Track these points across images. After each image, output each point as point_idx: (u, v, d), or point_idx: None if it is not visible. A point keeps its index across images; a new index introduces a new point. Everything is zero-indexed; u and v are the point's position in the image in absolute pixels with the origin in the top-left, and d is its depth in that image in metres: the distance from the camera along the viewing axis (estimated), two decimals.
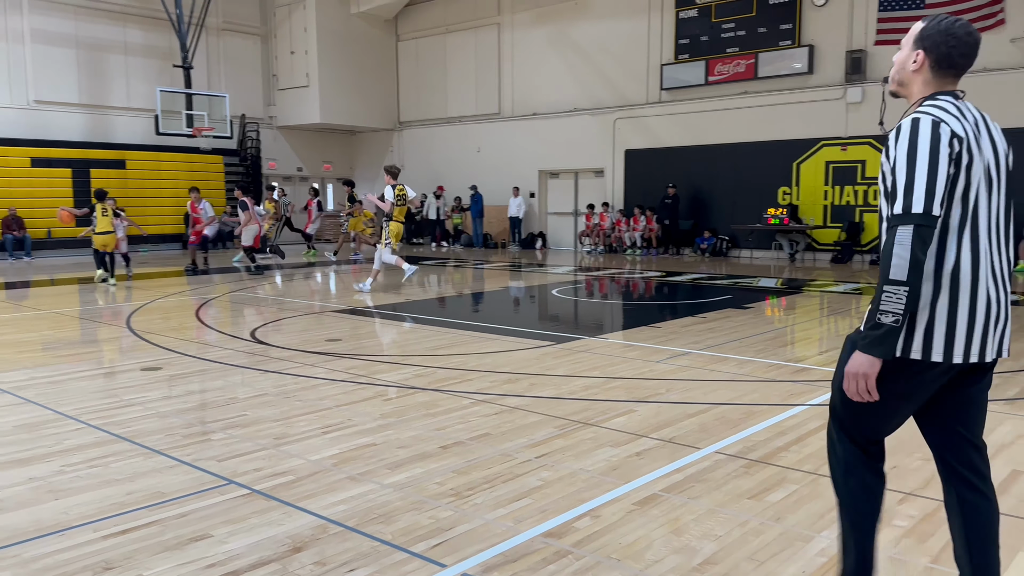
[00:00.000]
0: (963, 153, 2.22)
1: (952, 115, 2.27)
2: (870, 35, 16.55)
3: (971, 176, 2.24)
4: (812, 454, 4.22)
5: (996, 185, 2.32)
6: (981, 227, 2.27)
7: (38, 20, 19.95)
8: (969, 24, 2.39)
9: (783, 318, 9.54)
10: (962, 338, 2.24)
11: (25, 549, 3.10)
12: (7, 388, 5.83)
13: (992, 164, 2.32)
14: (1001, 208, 2.34)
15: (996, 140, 2.37)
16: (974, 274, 2.25)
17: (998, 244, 2.32)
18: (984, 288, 2.26)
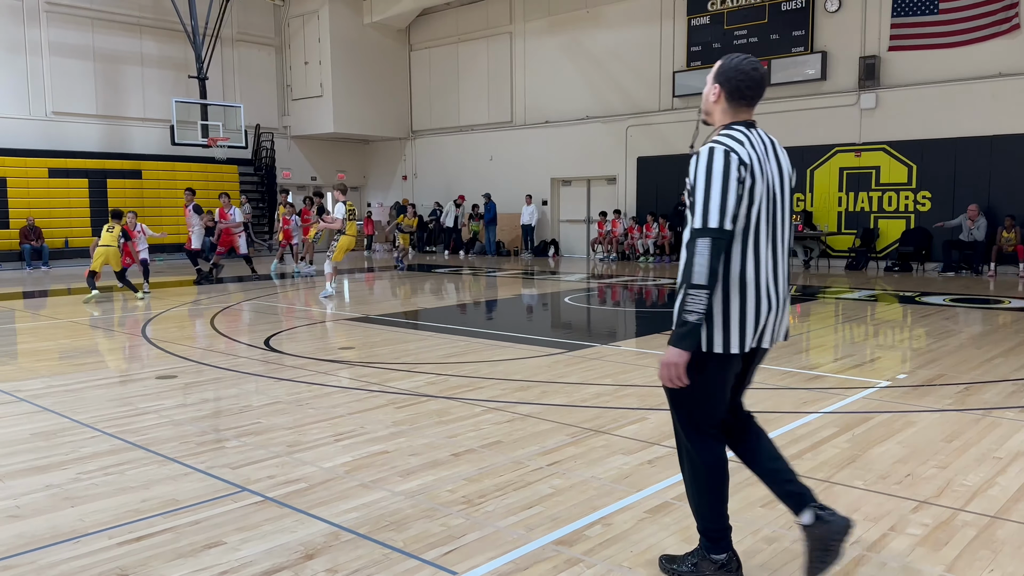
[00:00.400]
0: (747, 176, 2.61)
1: (741, 143, 2.66)
2: (883, 41, 16.49)
3: (754, 195, 2.64)
4: (825, 461, 4.19)
5: (779, 202, 2.74)
6: (762, 238, 2.68)
7: (56, 33, 20.22)
8: (756, 62, 2.78)
9: (797, 325, 9.50)
10: (751, 330, 2.68)
11: (42, 556, 3.14)
12: (25, 396, 5.89)
13: (776, 184, 2.74)
14: (784, 221, 2.76)
15: (782, 163, 2.78)
16: (756, 278, 2.67)
17: (781, 252, 2.77)
18: (765, 289, 2.69)
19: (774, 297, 2.72)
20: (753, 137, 2.72)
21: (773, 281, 2.72)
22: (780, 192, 2.75)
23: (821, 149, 17.52)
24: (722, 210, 2.56)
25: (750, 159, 2.64)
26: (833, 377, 6.33)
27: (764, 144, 2.74)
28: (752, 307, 2.67)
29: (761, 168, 2.67)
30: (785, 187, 2.77)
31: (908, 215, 16.54)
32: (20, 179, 19.30)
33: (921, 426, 4.88)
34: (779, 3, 17.88)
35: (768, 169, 2.70)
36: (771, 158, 2.74)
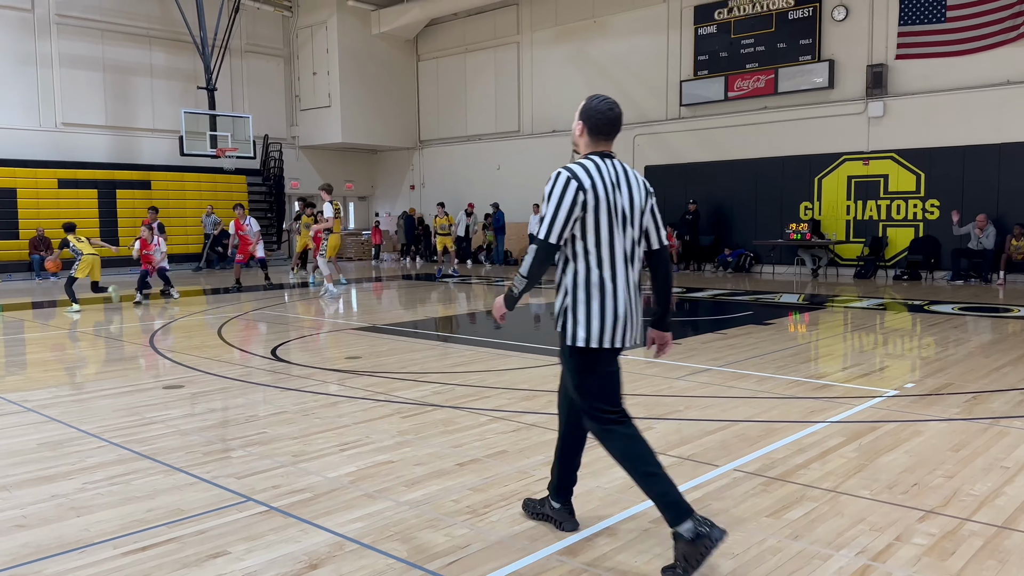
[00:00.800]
0: (588, 200, 3.04)
1: (587, 170, 3.09)
2: (891, 49, 16.48)
3: (599, 213, 3.06)
4: (832, 471, 4.17)
5: (629, 221, 3.15)
6: (617, 251, 3.11)
7: (66, 45, 20.41)
8: (612, 102, 3.21)
9: (805, 334, 9.47)
10: (609, 330, 3.10)
11: (47, 565, 3.15)
12: (32, 407, 5.92)
13: (626, 207, 3.14)
14: (635, 239, 3.18)
15: (633, 189, 3.18)
16: (613, 285, 3.10)
17: (631, 265, 3.16)
18: (622, 295, 3.12)
19: (627, 303, 3.14)
20: (604, 166, 3.15)
21: (626, 289, 3.14)
22: (630, 212, 3.15)
23: (829, 157, 17.50)
24: (551, 226, 3.06)
25: (592, 184, 3.07)
26: (840, 386, 6.31)
27: (615, 172, 3.17)
28: (611, 311, 3.11)
29: (606, 191, 3.09)
30: (635, 208, 3.18)
31: (917, 223, 16.48)
32: (30, 190, 19.45)
33: (928, 435, 4.85)
34: (786, 12, 17.90)
35: (618, 196, 3.12)
36: (621, 184, 3.15)
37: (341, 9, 23.66)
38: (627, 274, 3.16)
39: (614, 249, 3.11)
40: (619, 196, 3.13)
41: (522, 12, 22.94)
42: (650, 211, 3.26)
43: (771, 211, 18.36)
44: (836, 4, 17.28)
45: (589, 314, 3.10)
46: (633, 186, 3.19)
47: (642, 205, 3.21)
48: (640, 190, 3.22)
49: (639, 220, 3.20)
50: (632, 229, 3.16)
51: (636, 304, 3.22)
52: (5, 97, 19.53)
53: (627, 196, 3.15)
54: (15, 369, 7.60)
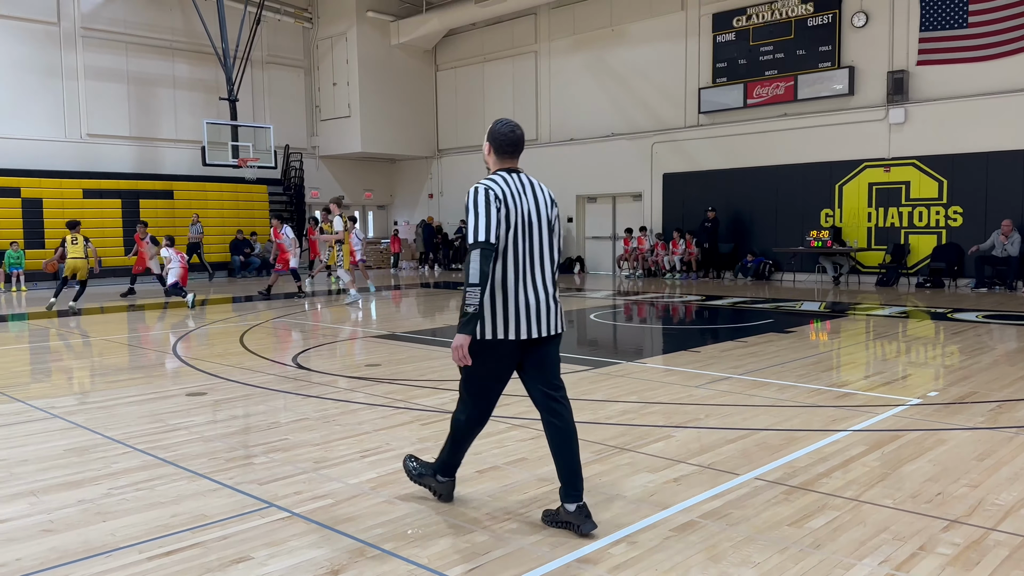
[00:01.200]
0: (501, 207, 3.43)
1: (497, 184, 3.50)
2: (912, 55, 16.37)
3: (510, 222, 3.45)
4: (854, 480, 4.14)
5: (536, 228, 3.54)
6: (521, 255, 3.50)
7: (91, 57, 20.72)
8: (512, 124, 3.63)
9: (827, 342, 9.40)
10: (513, 323, 3.47)
11: (74, 569, 3.19)
12: (58, 413, 6.01)
13: (533, 214, 3.53)
14: (543, 243, 3.58)
15: (539, 199, 3.58)
16: (516, 283, 3.48)
17: (539, 265, 3.55)
18: (523, 292, 3.49)
19: (534, 298, 3.54)
20: (511, 180, 3.56)
21: (533, 287, 3.54)
22: (537, 221, 3.56)
23: (849, 164, 17.39)
24: (487, 228, 3.36)
25: (503, 194, 3.47)
26: (863, 395, 6.26)
27: (522, 185, 3.57)
28: (512, 305, 3.49)
29: (515, 202, 3.49)
30: (542, 217, 3.58)
31: (939, 231, 16.32)
32: (55, 200, 19.74)
33: (952, 444, 4.80)
34: (805, 19, 17.83)
35: (523, 204, 3.51)
36: (528, 195, 3.55)
37: (361, 20, 23.86)
38: (535, 275, 3.56)
39: (520, 253, 3.51)
40: (526, 205, 3.55)
41: (540, 21, 23.02)
42: (556, 219, 3.71)
43: (791, 218, 18.25)
44: (856, 10, 17.19)
45: (493, 310, 3.50)
46: (539, 196, 3.61)
47: (548, 214, 3.63)
48: (546, 200, 3.64)
49: (547, 227, 3.62)
50: (540, 234, 3.58)
51: (546, 300, 3.59)
52: (32, 109, 19.86)
53: (533, 205, 3.57)
54: (42, 376, 7.71)
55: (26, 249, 19.05)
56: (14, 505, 3.96)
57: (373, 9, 24.01)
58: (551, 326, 3.60)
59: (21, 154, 19.66)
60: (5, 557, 3.32)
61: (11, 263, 18.53)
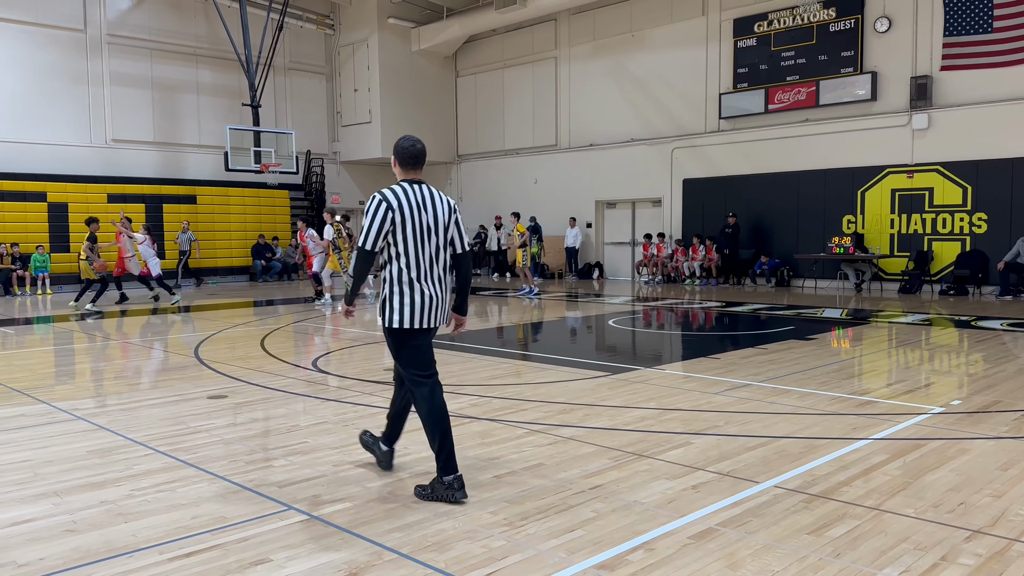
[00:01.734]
0: (394, 215, 3.97)
1: (395, 194, 4.02)
2: (935, 60, 16.22)
3: (406, 227, 3.99)
4: (875, 489, 4.10)
5: (433, 233, 4.08)
6: (423, 256, 4.05)
7: (117, 63, 21.01)
8: (413, 139, 4.20)
9: (848, 350, 9.32)
10: (417, 315, 4.04)
11: (96, 569, 3.23)
12: (81, 415, 6.08)
13: (430, 221, 4.07)
14: (440, 247, 4.11)
15: (438, 208, 4.11)
16: (416, 280, 4.04)
17: (435, 265, 4.10)
18: (427, 290, 4.06)
19: (429, 294, 4.07)
20: (411, 190, 4.07)
21: (429, 284, 4.08)
22: (434, 227, 4.09)
23: (872, 170, 17.24)
24: (367, 237, 3.99)
25: (399, 205, 3.99)
26: (884, 403, 6.20)
27: (422, 194, 4.09)
28: (417, 299, 4.05)
29: (411, 210, 4.01)
30: (439, 224, 4.11)
31: (963, 237, 16.14)
32: (80, 204, 20.00)
33: (975, 454, 4.74)
34: (827, 24, 17.73)
35: (421, 212, 4.05)
36: (427, 204, 4.08)
37: (382, 27, 24.02)
38: (432, 273, 4.10)
39: (420, 254, 4.05)
40: (424, 214, 4.06)
41: (560, 27, 23.06)
42: (454, 224, 4.20)
43: (813, 224, 18.13)
44: (879, 16, 17.07)
45: (401, 304, 4.04)
46: (438, 205, 4.13)
47: (445, 221, 4.15)
48: (444, 209, 4.15)
49: (443, 232, 4.14)
50: (436, 238, 4.11)
51: (441, 295, 4.13)
52: (58, 115, 20.16)
53: (431, 213, 4.09)
54: (66, 378, 7.82)
55: (51, 253, 19.33)
56: (38, 505, 4.02)
57: (394, 16, 24.16)
58: (440, 319, 4.18)
59: (47, 159, 19.97)
60: (29, 556, 3.36)
61: (37, 267, 18.80)
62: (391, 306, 4.06)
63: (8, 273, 18.45)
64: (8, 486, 4.33)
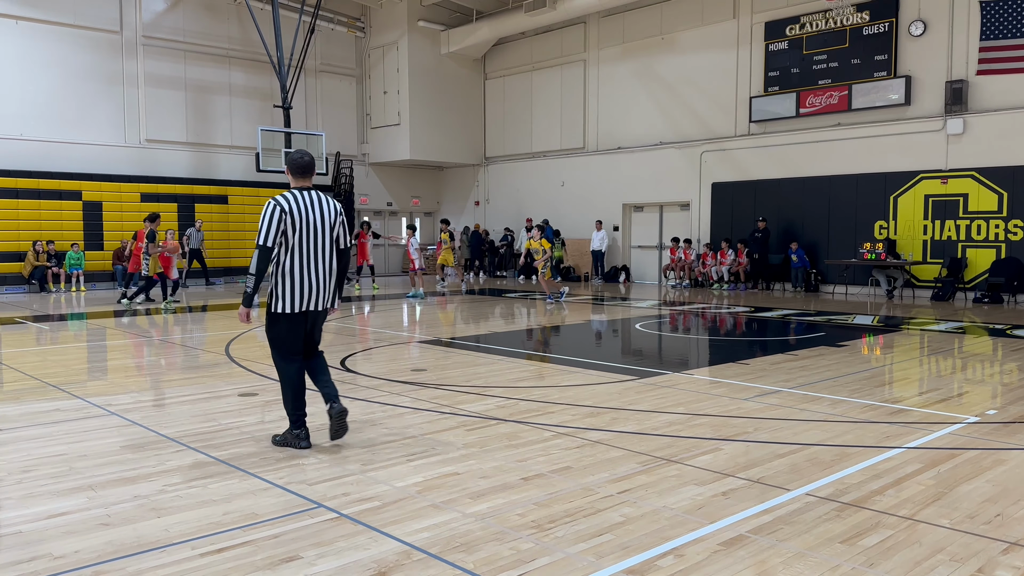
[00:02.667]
0: (286, 217, 4.78)
1: (287, 199, 4.83)
2: (971, 64, 15.96)
3: (297, 228, 4.81)
4: (909, 499, 4.04)
5: (320, 232, 4.91)
6: (306, 251, 4.86)
7: (151, 65, 21.32)
8: (302, 152, 4.98)
9: (880, 357, 9.19)
10: (299, 300, 4.86)
11: (129, 563, 3.27)
12: (116, 411, 6.17)
13: (318, 222, 4.89)
14: (325, 243, 4.95)
15: (324, 211, 4.94)
16: (300, 272, 4.85)
17: (321, 258, 4.93)
18: (305, 278, 4.86)
19: (315, 283, 4.92)
20: (300, 196, 4.88)
21: (314, 274, 4.91)
22: (320, 227, 4.92)
23: (905, 176, 17.00)
24: (265, 235, 4.77)
25: (290, 208, 4.81)
26: (918, 411, 6.10)
27: (311, 200, 4.90)
28: (298, 287, 4.87)
29: (300, 213, 4.83)
30: (325, 224, 4.94)
31: (998, 244, 15.85)
32: (114, 203, 20.33)
33: (1012, 464, 4.65)
34: (860, 27, 17.52)
35: (309, 215, 4.86)
36: (315, 208, 4.90)
37: (412, 29, 24.15)
38: (317, 265, 4.92)
39: (305, 250, 4.87)
40: (312, 215, 4.88)
41: (589, 30, 23.02)
42: (339, 225, 5.04)
43: (844, 230, 17.91)
44: (913, 19, 16.84)
45: (284, 291, 4.87)
46: (325, 209, 4.96)
47: (331, 222, 4.98)
48: (330, 212, 4.98)
49: (329, 232, 4.97)
50: (323, 236, 4.93)
51: (325, 283, 4.98)
52: (94, 115, 20.50)
53: (318, 216, 4.91)
54: (100, 374, 7.94)
55: (86, 251, 19.66)
56: (73, 499, 4.08)
57: (424, 18, 24.27)
58: (325, 302, 5.04)
59: (83, 159, 20.32)
60: (64, 549, 3.42)
61: (71, 264, 19.13)
62: (277, 293, 4.88)
63: (44, 270, 18.80)
64: (44, 479, 4.41)
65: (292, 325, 4.94)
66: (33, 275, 18.70)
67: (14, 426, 5.67)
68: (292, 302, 4.86)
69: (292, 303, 4.86)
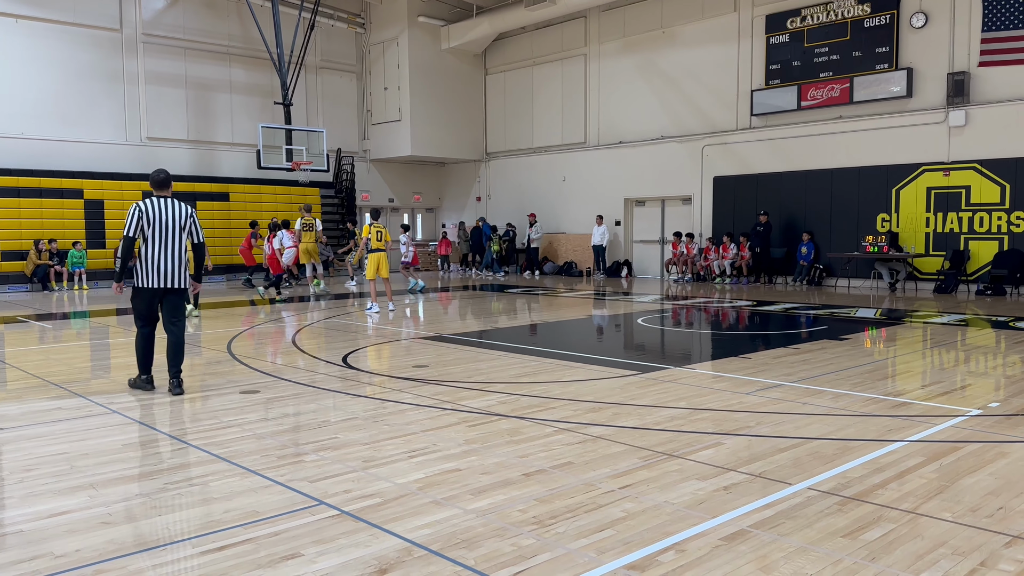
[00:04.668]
0: (144, 216, 6.51)
1: (146, 204, 6.55)
2: (973, 56, 15.90)
3: (152, 224, 6.53)
4: (911, 492, 4.03)
5: (170, 228, 6.59)
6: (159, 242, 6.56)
7: (152, 63, 21.32)
8: (160, 170, 6.78)
9: (882, 350, 9.17)
10: (150, 280, 6.57)
11: (130, 562, 3.27)
12: (117, 409, 6.18)
13: (169, 221, 6.58)
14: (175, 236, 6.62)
15: (174, 213, 6.61)
16: (154, 258, 6.56)
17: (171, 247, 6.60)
18: (158, 263, 6.56)
19: (163, 267, 6.58)
20: (156, 202, 6.59)
21: (165, 259, 6.59)
22: (172, 225, 6.60)
23: (907, 168, 16.96)
24: (128, 228, 6.51)
25: (146, 210, 6.51)
26: (920, 404, 6.09)
27: (164, 205, 6.60)
28: (152, 269, 6.56)
29: (153, 215, 6.53)
30: (176, 223, 6.63)
31: (1001, 236, 15.81)
32: (116, 201, 20.33)
33: (1015, 457, 4.64)
34: (862, 19, 17.47)
35: (161, 216, 6.56)
36: (166, 211, 6.59)
37: (412, 25, 24.11)
38: (166, 253, 6.60)
39: (158, 241, 6.57)
40: (164, 217, 6.58)
41: (590, 24, 22.97)
42: (190, 224, 6.75)
43: (846, 223, 17.88)
44: (915, 11, 16.77)
45: (142, 271, 6.60)
46: (176, 212, 6.66)
47: (182, 222, 6.67)
48: (179, 214, 6.68)
49: (180, 229, 6.67)
50: (173, 233, 6.63)
51: (173, 268, 6.65)
52: (95, 114, 20.51)
53: (169, 217, 6.60)
54: (102, 372, 7.95)
55: (88, 249, 19.67)
56: (75, 497, 4.09)
57: (424, 14, 24.23)
58: (174, 282, 6.66)
59: (85, 157, 20.33)
60: (65, 548, 3.42)
61: (74, 262, 19.15)
62: (137, 272, 6.63)
63: (46, 269, 18.81)
64: (45, 478, 4.41)
65: (145, 296, 6.62)
66: (35, 274, 18.72)
67: (16, 425, 5.67)
68: (146, 279, 6.56)
69: (146, 280, 6.56)
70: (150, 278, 6.53)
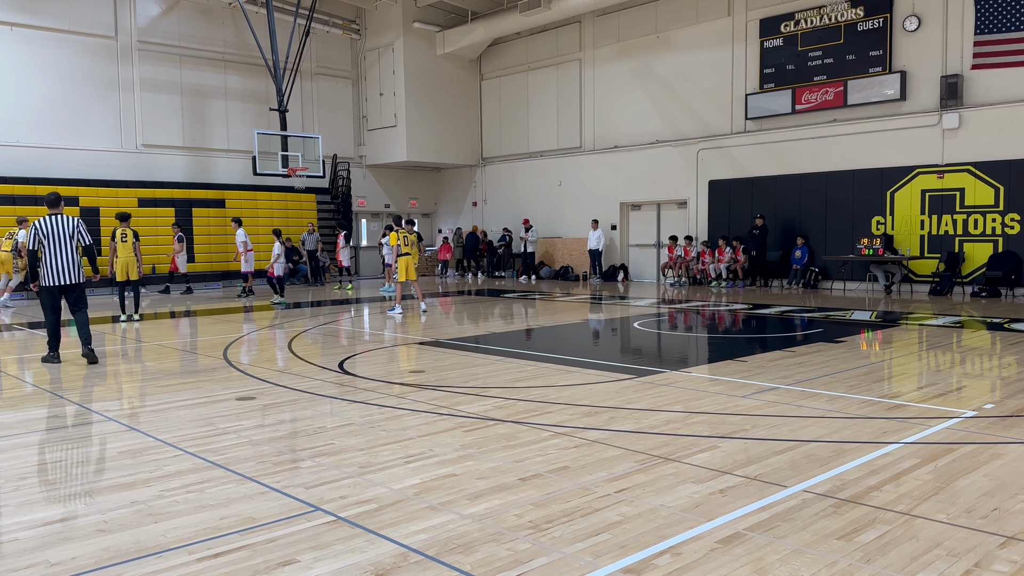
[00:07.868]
0: (39, 232, 8.50)
1: (41, 222, 8.54)
2: (966, 59, 15.97)
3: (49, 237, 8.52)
4: (906, 494, 4.04)
5: (63, 239, 8.57)
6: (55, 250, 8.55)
7: (147, 70, 21.33)
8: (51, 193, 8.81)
9: (878, 352, 9.19)
10: (52, 279, 8.56)
11: (127, 569, 3.27)
12: (113, 416, 6.17)
13: (62, 233, 8.57)
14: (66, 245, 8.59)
15: (65, 227, 8.61)
16: (52, 263, 8.55)
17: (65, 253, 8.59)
18: (55, 267, 8.55)
19: (60, 269, 8.53)
20: (50, 219, 8.51)
21: (62, 263, 8.54)
22: (64, 236, 8.54)
23: (901, 171, 17.01)
24: (30, 242, 8.50)
25: (43, 226, 8.47)
26: (915, 406, 6.11)
27: (56, 222, 8.53)
28: (52, 272, 8.52)
29: (48, 230, 8.49)
30: (66, 234, 8.56)
31: (995, 238, 15.86)
32: (111, 208, 20.27)
33: (1009, 458, 4.65)
34: (855, 23, 17.53)
35: (54, 230, 8.50)
36: (58, 226, 8.52)
37: (407, 31, 24.15)
38: (62, 258, 8.47)
39: (54, 249, 8.43)
40: (56, 230, 8.46)
41: (584, 29, 23.03)
42: (79, 233, 8.63)
43: (842, 226, 17.92)
44: (908, 14, 16.85)
45: (45, 273, 8.44)
46: (65, 225, 8.53)
47: (69, 232, 8.54)
48: (69, 226, 8.57)
49: (71, 238, 8.55)
50: (66, 242, 8.51)
51: (68, 269, 8.53)
52: (90, 121, 20.51)
53: (60, 230, 8.47)
54: (97, 380, 7.94)
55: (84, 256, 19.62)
56: (70, 505, 4.08)
57: (419, 20, 24.28)
58: (71, 279, 8.56)
59: (80, 165, 20.32)
60: (61, 556, 3.42)
61: None
62: (41, 274, 8.48)
63: None
64: (41, 486, 4.40)
65: (49, 292, 8.51)
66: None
67: (11, 433, 5.66)
68: (48, 279, 8.47)
69: (48, 280, 8.47)
70: (51, 278, 8.45)
